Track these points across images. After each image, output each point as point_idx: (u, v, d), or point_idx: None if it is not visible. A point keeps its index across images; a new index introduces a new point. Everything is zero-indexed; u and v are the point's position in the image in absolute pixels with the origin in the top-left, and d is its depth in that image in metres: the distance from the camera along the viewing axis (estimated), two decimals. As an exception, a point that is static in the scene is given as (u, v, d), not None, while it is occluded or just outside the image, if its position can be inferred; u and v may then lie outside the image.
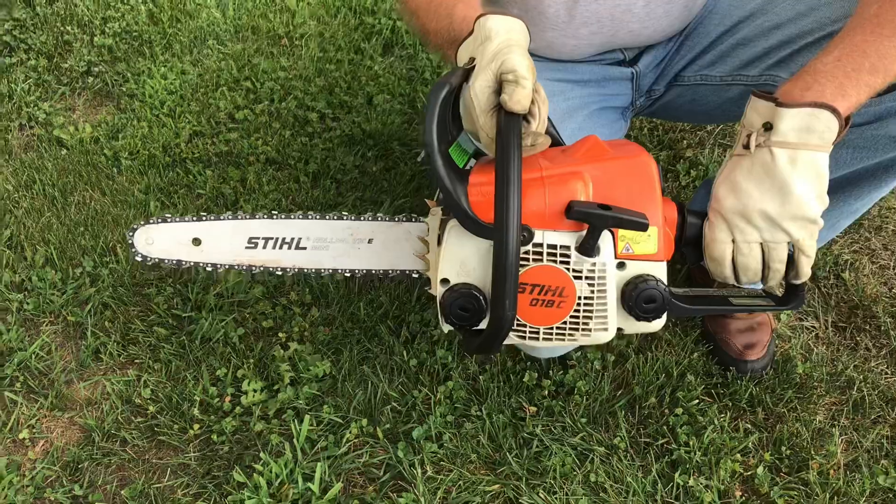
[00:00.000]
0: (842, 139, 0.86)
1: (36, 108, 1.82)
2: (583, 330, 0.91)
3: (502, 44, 0.85)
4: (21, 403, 1.31)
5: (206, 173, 1.68)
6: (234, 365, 1.36)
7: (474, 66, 0.85)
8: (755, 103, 0.88)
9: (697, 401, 1.34)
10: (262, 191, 1.66)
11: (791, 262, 0.90)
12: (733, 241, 0.90)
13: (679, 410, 1.32)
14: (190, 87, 1.88)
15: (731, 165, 0.90)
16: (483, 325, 0.90)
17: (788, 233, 0.87)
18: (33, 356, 1.36)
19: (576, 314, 0.89)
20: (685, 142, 1.83)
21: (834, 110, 0.83)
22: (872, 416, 1.35)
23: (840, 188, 1.16)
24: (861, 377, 1.39)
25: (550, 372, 1.36)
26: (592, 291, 0.88)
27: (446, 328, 0.93)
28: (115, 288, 1.47)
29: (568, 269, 0.87)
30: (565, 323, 0.90)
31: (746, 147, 0.88)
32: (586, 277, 0.87)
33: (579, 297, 0.88)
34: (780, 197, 0.86)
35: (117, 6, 2.09)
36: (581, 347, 1.39)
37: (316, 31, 2.07)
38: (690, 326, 1.46)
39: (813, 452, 1.28)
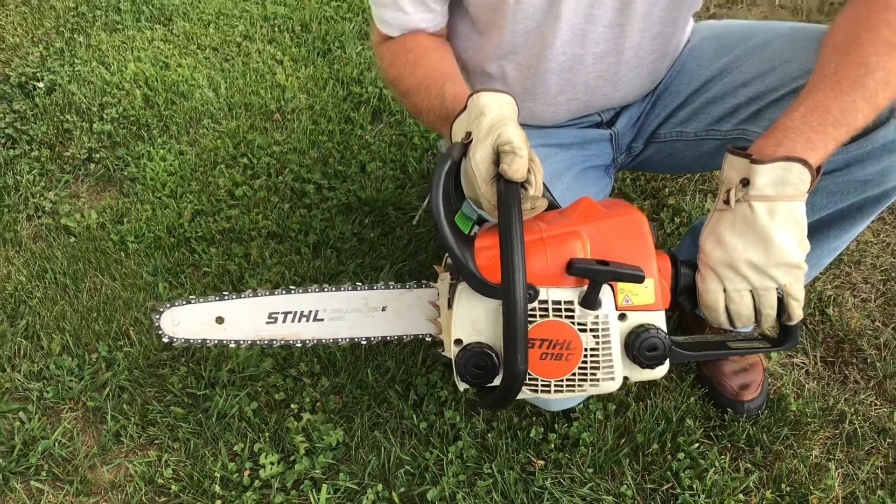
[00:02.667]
0: (815, 187, 0.93)
1: (42, 197, 1.88)
2: (591, 380, 0.96)
3: (496, 118, 0.93)
4: (47, 492, 1.35)
5: (210, 251, 1.75)
6: (250, 439, 1.41)
7: (471, 140, 0.93)
8: (731, 160, 0.95)
9: (698, 444, 1.40)
10: (265, 264, 1.72)
11: (781, 305, 0.96)
12: (724, 290, 0.96)
13: (681, 455, 1.37)
14: (189, 167, 1.95)
15: (714, 220, 0.97)
16: (497, 381, 0.95)
17: (775, 279, 0.94)
18: (56, 443, 1.41)
19: (583, 365, 0.95)
20: (667, 190, 1.91)
21: (805, 162, 0.90)
22: (866, 448, 1.41)
23: (819, 230, 1.23)
24: (852, 410, 1.45)
25: (556, 425, 1.42)
26: (598, 343, 0.94)
27: (462, 386, 0.98)
28: (131, 371, 1.52)
29: (573, 323, 0.92)
30: (574, 374, 0.95)
31: (727, 202, 0.95)
32: (591, 330, 0.93)
33: (586, 349, 0.94)
34: (764, 247, 0.92)
35: (113, 92, 2.17)
36: (585, 399, 1.44)
37: (306, 105, 2.15)
38: (686, 371, 1.53)
39: (812, 487, 1.33)
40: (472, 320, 0.95)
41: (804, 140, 0.92)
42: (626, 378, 0.98)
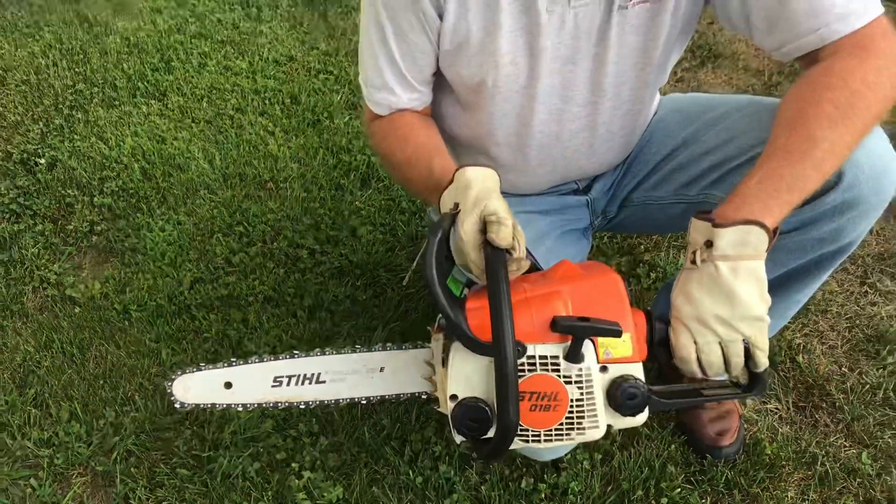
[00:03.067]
0: (773, 246, 1.03)
1: (47, 270, 1.96)
2: (577, 429, 1.03)
3: (481, 191, 1.03)
4: (60, 556, 1.41)
5: (210, 317, 1.83)
6: (254, 498, 1.47)
7: (459, 211, 1.02)
8: (696, 224, 1.05)
9: (680, 489, 1.47)
10: (263, 328, 1.80)
11: (749, 354, 1.06)
12: (695, 342, 1.05)
13: (664, 500, 1.45)
14: (187, 237, 2.04)
15: (683, 278, 1.06)
16: (491, 433, 1.03)
17: (741, 331, 1.02)
18: (67, 509, 1.47)
19: (570, 415, 1.02)
20: (642, 246, 2.02)
21: (762, 225, 0.99)
22: (837, 488, 1.49)
23: (783, 284, 1.33)
24: (823, 452, 1.54)
25: (545, 475, 1.49)
26: (582, 394, 1.02)
27: (458, 439, 1.05)
28: (138, 435, 1.59)
29: (559, 376, 1.00)
30: (562, 424, 1.02)
31: (694, 262, 1.04)
32: (575, 382, 1.01)
33: (571, 400, 1.01)
34: (729, 302, 1.02)
35: (112, 166, 2.27)
36: (572, 449, 1.52)
37: (298, 173, 2.25)
38: (666, 420, 1.61)
39: (788, 528, 1.41)
40: (465, 376, 1.03)
41: (760, 205, 1.02)
42: (609, 426, 1.06)
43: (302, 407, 1.26)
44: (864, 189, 1.16)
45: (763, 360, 1.05)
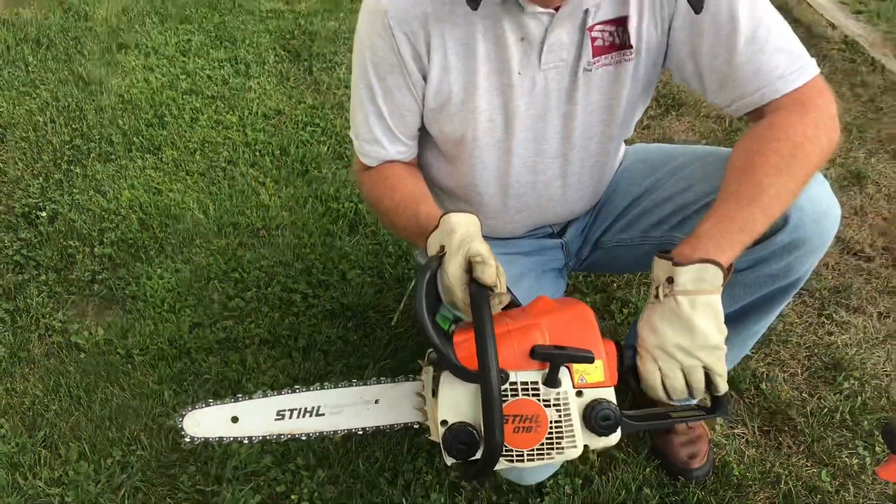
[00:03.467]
0: (729, 282, 1.16)
1: (51, 318, 2.06)
2: (557, 449, 1.14)
3: (465, 234, 1.15)
4: (74, 588, 1.49)
5: (209, 360, 1.93)
6: (256, 529, 1.57)
7: (445, 253, 1.15)
8: (658, 263, 1.18)
9: (655, 509, 1.59)
10: (260, 369, 1.90)
11: (709, 380, 1.18)
12: (660, 369, 1.18)
13: (641, 520, 1.57)
14: (185, 284, 2.15)
15: (648, 312, 1.19)
16: (478, 454, 1.14)
17: (700, 359, 1.15)
18: (78, 544, 1.55)
19: (550, 436, 1.13)
20: (615, 284, 2.15)
21: (717, 263, 1.12)
22: (802, 506, 1.62)
23: (741, 317, 1.46)
24: (786, 472, 1.66)
25: (529, 500, 1.60)
26: (560, 416, 1.13)
27: (449, 461, 1.15)
28: (144, 472, 1.68)
29: (539, 400, 1.11)
30: (543, 444, 1.13)
31: (657, 297, 1.17)
32: (553, 405, 1.12)
33: (551, 422, 1.12)
34: (689, 333, 1.14)
35: (111, 218, 2.38)
36: (554, 475, 1.63)
37: (289, 221, 2.38)
38: (640, 446, 1.73)
39: (755, 542, 1.53)
40: (455, 403, 1.14)
41: (715, 245, 1.15)
42: (586, 446, 1.18)
43: (303, 438, 1.36)
44: (808, 230, 1.30)
45: (722, 385, 1.17)
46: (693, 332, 1.13)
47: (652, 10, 1.30)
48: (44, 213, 2.41)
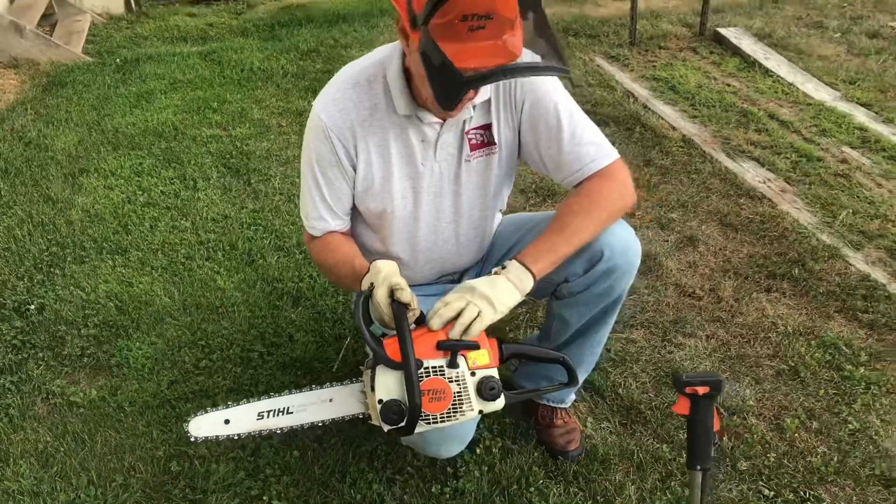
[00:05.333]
0: (577, 300, 1.78)
1: (51, 384, 2.49)
2: (460, 412, 1.64)
3: (388, 272, 1.71)
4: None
5: (186, 406, 2.39)
6: (238, 520, 2.02)
7: (373, 287, 1.70)
8: (512, 261, 1.76)
9: (542, 481, 2.12)
10: (229, 410, 2.38)
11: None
12: (449, 302, 1.70)
13: (532, 489, 2.09)
14: (161, 352, 2.63)
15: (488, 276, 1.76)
16: (404, 421, 1.66)
17: (479, 305, 1.65)
18: (96, 543, 1.97)
19: (454, 404, 1.63)
20: (507, 328, 2.74)
21: (531, 271, 1.72)
22: (648, 470, 2.16)
23: (586, 329, 2.04)
24: (639, 448, 2.22)
25: (447, 481, 2.11)
26: (460, 388, 1.64)
27: (386, 428, 1.64)
28: (143, 490, 2.12)
29: (444, 377, 1.63)
30: (450, 409, 1.64)
31: (497, 273, 1.74)
32: (455, 381, 1.63)
33: (454, 393, 1.64)
34: (490, 287, 1.69)
35: (92, 306, 2.85)
36: (465, 463, 2.15)
37: (242, 300, 2.90)
38: (529, 438, 2.26)
39: (617, 499, 2.07)
40: (386, 386, 1.63)
41: (531, 259, 1.74)
42: (481, 411, 1.70)
43: (278, 433, 1.85)
44: (618, 260, 1.90)
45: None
46: (493, 288, 1.69)
47: (506, 118, 1.94)
48: (32, 306, 2.86)
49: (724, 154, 3.92)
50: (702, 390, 1.69)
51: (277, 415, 1.84)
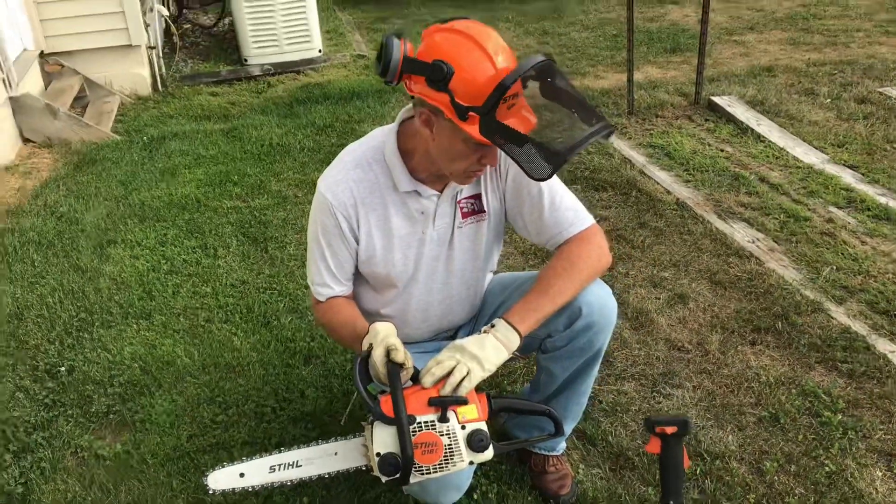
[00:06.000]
0: (558, 355, 1.98)
1: (80, 439, 2.68)
2: (451, 462, 1.79)
3: (385, 334, 1.90)
4: None
5: (204, 458, 2.57)
6: (250, 562, 2.18)
7: (372, 347, 1.89)
8: (498, 319, 1.95)
9: (534, 523, 2.27)
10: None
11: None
12: (441, 361, 1.86)
13: (525, 530, 2.24)
14: (181, 409, 2.82)
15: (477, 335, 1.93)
16: (399, 472, 1.82)
17: (467, 364, 1.82)
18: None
19: (445, 455, 1.79)
20: (505, 381, 2.91)
21: (518, 330, 1.90)
22: (634, 510, 2.31)
23: (571, 382, 2.21)
24: (626, 492, 2.37)
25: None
26: (451, 441, 1.79)
27: (384, 479, 1.79)
28: (164, 533, 2.29)
29: (436, 432, 1.78)
30: (441, 461, 1.79)
31: (486, 332, 1.91)
32: (445, 434, 1.79)
33: (445, 446, 1.80)
34: (479, 347, 1.85)
35: (118, 367, 3.06)
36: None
37: (257, 359, 3.09)
38: (523, 484, 2.41)
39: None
40: (383, 440, 1.75)
41: (518, 318, 1.92)
42: (471, 462, 1.87)
43: (288, 485, 2.02)
44: (595, 317, 2.07)
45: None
46: (482, 348, 1.86)
47: (493, 188, 2.15)
48: (63, 368, 3.08)
49: (715, 216, 4.12)
50: (670, 430, 1.86)
51: (287, 468, 1.99)
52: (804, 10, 9.06)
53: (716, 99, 5.70)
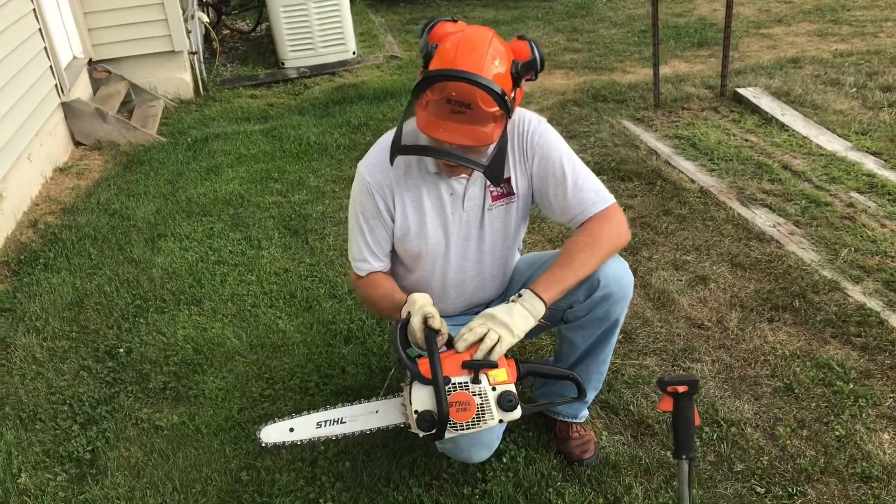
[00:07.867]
0: (579, 324, 2.14)
1: (139, 412, 2.92)
2: (483, 420, 1.97)
3: (422, 303, 2.08)
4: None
5: (253, 427, 2.78)
6: (299, 517, 2.38)
7: (410, 315, 2.08)
8: (525, 289, 2.12)
9: (559, 482, 2.43)
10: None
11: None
12: (473, 328, 2.04)
13: (550, 490, 2.40)
14: (231, 385, 3.04)
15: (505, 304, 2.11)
16: (435, 428, 2.00)
17: (498, 332, 1.98)
18: (182, 535, 2.35)
19: (478, 413, 1.97)
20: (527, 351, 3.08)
21: (542, 298, 2.07)
22: (653, 473, 2.46)
23: (591, 350, 2.38)
24: (646, 456, 2.53)
25: (477, 485, 2.44)
26: (482, 401, 1.98)
27: (421, 434, 1.97)
28: (218, 495, 2.50)
29: (469, 392, 1.97)
30: (474, 419, 1.98)
31: (514, 301, 2.09)
32: (478, 395, 1.98)
33: (477, 405, 1.98)
34: (507, 314, 2.02)
35: (172, 348, 3.29)
36: (493, 469, 2.48)
37: (301, 340, 3.31)
38: (549, 448, 2.58)
39: (627, 498, 2.37)
40: (421, 399, 1.93)
41: (543, 288, 2.09)
42: (501, 420, 2.05)
43: (334, 439, 2.22)
44: (612, 287, 2.24)
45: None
46: (510, 316, 2.02)
47: (521, 171, 2.32)
48: (122, 350, 3.32)
49: (738, 202, 4.24)
50: (681, 389, 2.01)
51: (333, 424, 2.20)
52: (833, 1, 9.07)
53: (741, 91, 5.80)
